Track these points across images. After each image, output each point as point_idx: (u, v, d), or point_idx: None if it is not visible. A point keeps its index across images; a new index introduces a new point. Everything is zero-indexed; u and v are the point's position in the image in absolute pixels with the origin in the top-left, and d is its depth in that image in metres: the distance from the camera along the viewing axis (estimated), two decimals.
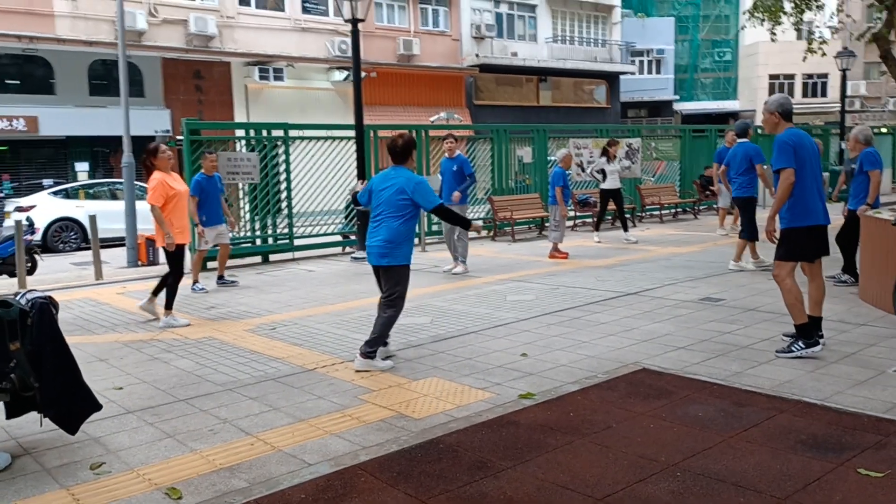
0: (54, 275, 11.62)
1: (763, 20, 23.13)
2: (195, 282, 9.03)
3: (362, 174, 11.58)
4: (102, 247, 15.50)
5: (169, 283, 7.10)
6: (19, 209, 15.67)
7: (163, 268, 11.67)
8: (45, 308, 3.68)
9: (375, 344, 5.36)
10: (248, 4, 22.66)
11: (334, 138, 12.42)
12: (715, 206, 15.54)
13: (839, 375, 4.80)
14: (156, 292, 7.28)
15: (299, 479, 3.46)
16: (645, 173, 18.64)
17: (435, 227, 13.80)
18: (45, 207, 16.12)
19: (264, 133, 11.81)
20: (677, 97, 39.69)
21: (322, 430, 4.11)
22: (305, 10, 23.55)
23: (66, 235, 16.29)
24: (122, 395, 4.86)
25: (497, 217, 13.87)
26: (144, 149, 7.32)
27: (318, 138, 12.28)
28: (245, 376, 5.22)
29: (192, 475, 3.54)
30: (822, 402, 4.29)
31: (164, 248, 7.07)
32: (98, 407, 3.94)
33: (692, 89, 41.98)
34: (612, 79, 33.08)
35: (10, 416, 3.94)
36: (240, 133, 13.42)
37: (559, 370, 5.13)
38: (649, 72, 38.64)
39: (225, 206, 9.58)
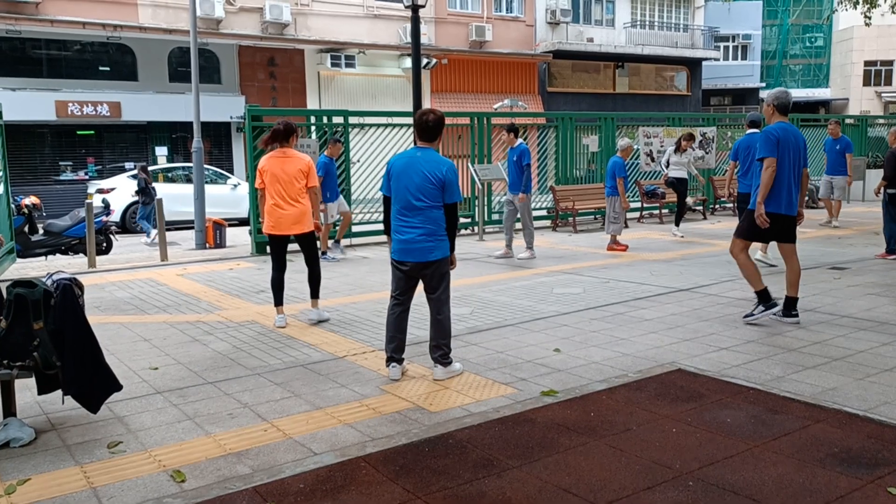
0: (127, 254, 12.09)
1: (857, 3, 21.91)
2: (324, 252, 10.10)
3: None
4: (177, 229, 16.17)
5: (317, 274, 6.61)
6: (100, 191, 16.41)
7: (229, 251, 12.04)
8: (68, 289, 3.79)
9: (448, 347, 4.88)
10: None
11: (394, 125, 12.44)
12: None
13: (890, 384, 4.48)
14: (315, 294, 6.63)
15: (302, 469, 3.46)
16: (726, 163, 17.98)
17: (495, 217, 13.70)
18: (124, 190, 16.81)
19: (325, 120, 11.93)
20: (763, 84, 38.10)
21: (336, 419, 4.11)
22: None
23: None
24: (156, 375, 4.99)
25: (559, 207, 13.63)
26: (290, 123, 6.52)
27: (378, 125, 12.32)
28: (276, 361, 5.28)
29: (200, 458, 3.59)
30: (864, 413, 4.01)
31: (307, 234, 6.48)
32: (118, 387, 4.04)
33: (780, 76, 40.25)
34: (693, 65, 32.00)
35: (41, 392, 4.08)
36: (301, 120, 13.56)
37: (590, 367, 4.98)
38: (734, 58, 37.26)
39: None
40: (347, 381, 4.80)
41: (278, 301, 6.51)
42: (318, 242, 7.15)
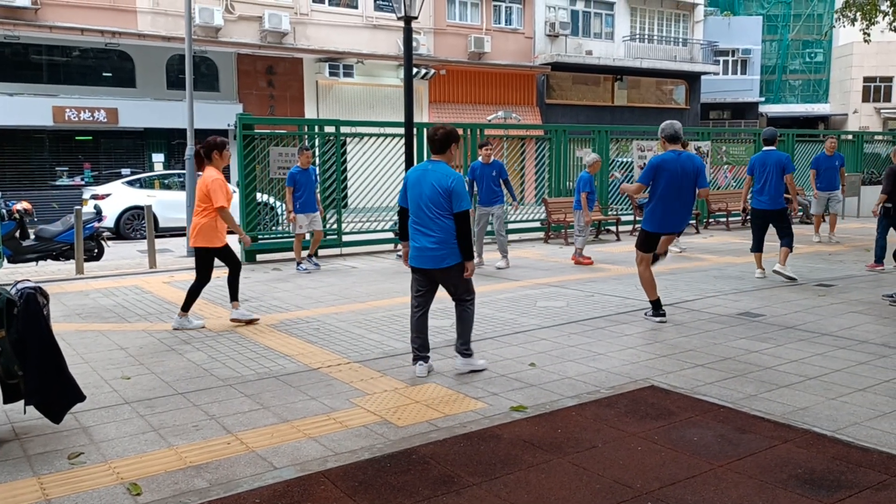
0: (118, 261, 12.08)
1: (855, 19, 21.93)
2: (299, 263, 10.32)
3: None
4: (172, 236, 16.18)
5: (194, 288, 6.73)
6: (94, 197, 16.45)
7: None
8: (32, 298, 3.77)
9: (469, 342, 5.25)
10: (322, 1, 23.02)
11: (387, 135, 12.45)
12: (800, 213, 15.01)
13: (861, 404, 4.45)
14: (186, 307, 6.74)
15: (260, 483, 3.43)
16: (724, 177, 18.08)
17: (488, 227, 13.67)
18: (118, 196, 16.84)
19: (317, 129, 11.94)
20: (763, 99, 38.20)
21: (302, 432, 4.08)
22: (378, 8, 23.73)
23: (138, 223, 16.93)
24: (127, 385, 4.97)
25: (551, 219, 13.63)
26: (213, 139, 6.69)
27: (371, 135, 12.34)
28: (249, 372, 5.26)
29: (159, 471, 3.57)
30: (832, 434, 3.98)
31: (200, 249, 6.67)
32: (81, 397, 4.02)
33: (780, 91, 40.33)
34: (692, 79, 32.06)
35: (6, 401, 4.06)
36: (293, 129, 13.59)
37: (563, 383, 4.95)
38: (734, 72, 37.34)
39: (318, 197, 10.62)
40: (318, 393, 4.78)
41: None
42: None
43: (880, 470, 3.54)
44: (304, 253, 10.57)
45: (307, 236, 10.58)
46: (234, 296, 6.98)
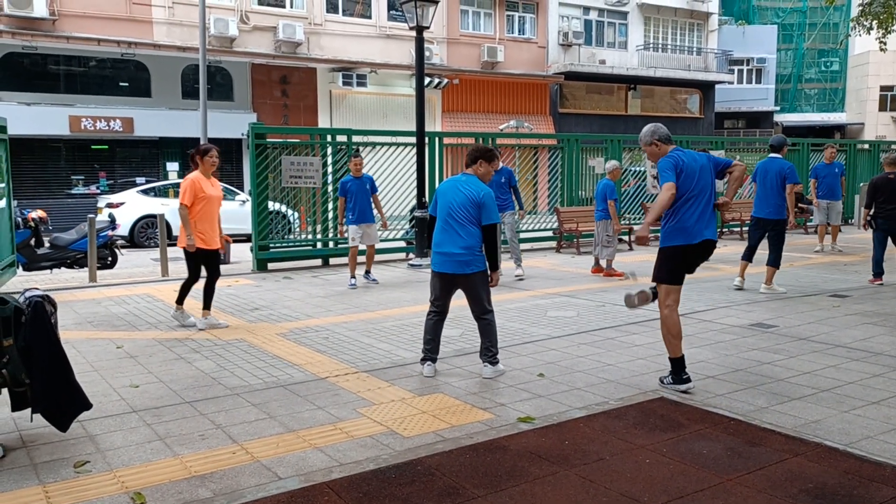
0: (131, 269, 12.14)
1: (871, 28, 21.79)
2: (352, 277, 9.69)
3: (422, 181, 11.57)
4: None
5: (186, 283, 7.22)
6: (109, 205, 16.57)
7: (232, 267, 12.06)
8: (40, 306, 3.79)
9: (496, 349, 5.43)
10: (336, 12, 23.16)
11: (398, 144, 12.46)
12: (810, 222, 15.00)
13: (876, 418, 4.38)
14: (180, 300, 7.30)
15: (263, 493, 3.42)
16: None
17: (501, 237, 13.66)
18: (132, 205, 16.96)
19: (329, 138, 11.97)
20: (778, 108, 37.96)
21: (307, 442, 4.06)
22: (391, 18, 23.83)
23: (152, 232, 17.03)
24: (135, 393, 4.97)
25: (562, 228, 13.58)
26: (196, 147, 7.26)
27: (383, 144, 12.36)
28: (257, 381, 5.25)
29: (164, 481, 3.56)
30: (844, 448, 3.92)
31: (184, 248, 7.05)
32: (88, 406, 4.03)
33: (795, 100, 40.09)
34: (706, 88, 31.93)
35: (15, 408, 4.07)
36: (305, 138, 13.65)
37: (571, 394, 4.91)
38: (748, 81, 37.11)
39: (378, 204, 9.89)
40: (325, 403, 4.76)
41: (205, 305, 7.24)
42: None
43: (893, 485, 3.47)
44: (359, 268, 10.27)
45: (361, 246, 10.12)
46: (206, 304, 7.18)
